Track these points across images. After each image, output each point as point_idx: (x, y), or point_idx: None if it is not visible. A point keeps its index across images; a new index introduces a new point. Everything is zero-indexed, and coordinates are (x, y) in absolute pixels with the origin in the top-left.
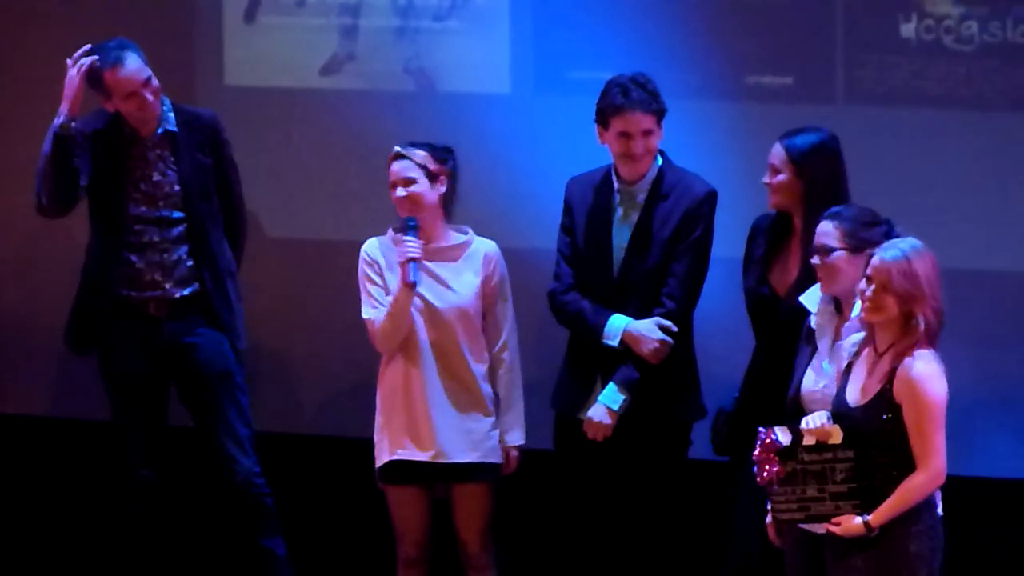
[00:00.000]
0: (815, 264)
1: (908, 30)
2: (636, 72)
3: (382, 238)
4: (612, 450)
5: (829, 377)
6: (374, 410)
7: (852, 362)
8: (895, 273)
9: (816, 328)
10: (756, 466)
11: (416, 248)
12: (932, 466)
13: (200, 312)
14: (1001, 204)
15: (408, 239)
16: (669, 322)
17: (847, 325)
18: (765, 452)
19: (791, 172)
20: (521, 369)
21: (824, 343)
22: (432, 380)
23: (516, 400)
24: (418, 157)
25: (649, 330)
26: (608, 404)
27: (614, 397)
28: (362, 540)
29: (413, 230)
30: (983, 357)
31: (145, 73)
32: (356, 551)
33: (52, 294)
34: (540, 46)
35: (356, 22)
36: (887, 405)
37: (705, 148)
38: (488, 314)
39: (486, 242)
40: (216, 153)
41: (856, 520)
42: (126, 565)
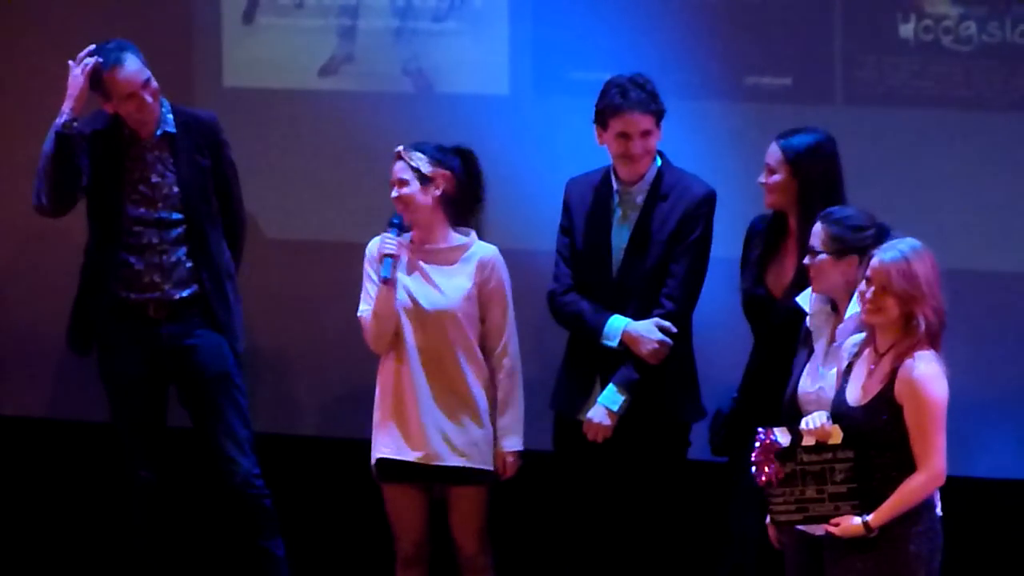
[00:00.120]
0: (806, 264)
1: (907, 30)
2: (635, 73)
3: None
4: (611, 451)
5: (824, 379)
6: (372, 411)
7: (853, 362)
8: (894, 274)
9: (812, 329)
10: (755, 467)
11: (392, 245)
12: (932, 467)
13: (199, 314)
14: (1000, 204)
15: (387, 235)
16: (668, 323)
17: (841, 327)
18: (764, 453)
19: (787, 172)
20: (522, 373)
21: (820, 344)
22: (420, 381)
23: (513, 406)
24: (413, 159)
25: (648, 331)
26: (608, 405)
27: (613, 398)
28: (361, 541)
29: (395, 227)
30: (983, 357)
31: (144, 74)
32: (355, 552)
33: (51, 296)
34: (539, 47)
35: (354, 23)
36: (888, 405)
37: (704, 149)
38: (485, 319)
39: (485, 247)
40: (215, 154)
41: (855, 520)
42: (126, 566)
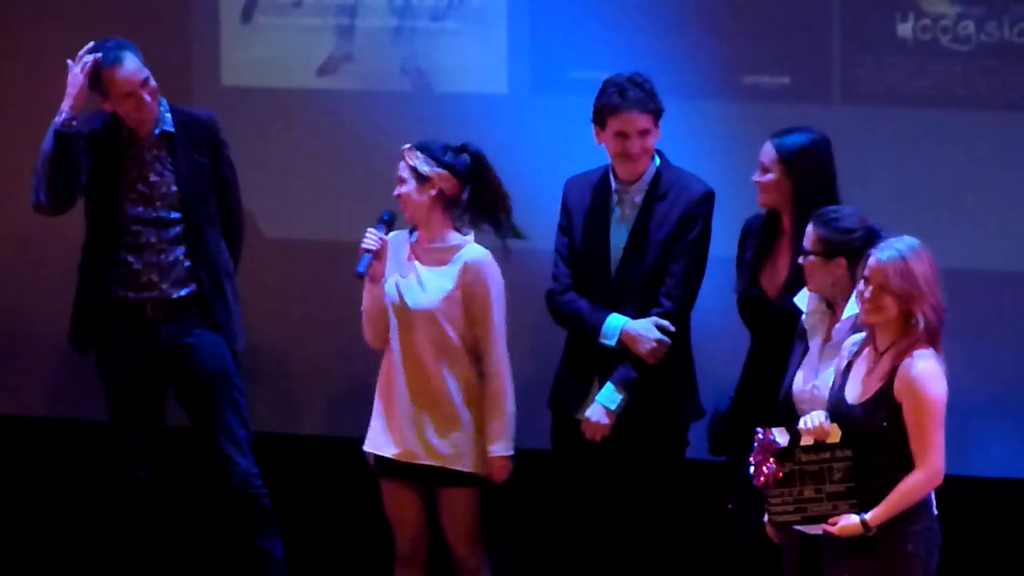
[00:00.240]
0: (800, 263)
1: (905, 30)
2: (633, 72)
3: (401, 232)
4: (610, 450)
5: (818, 377)
6: (371, 410)
7: (852, 361)
8: (891, 273)
9: (807, 328)
10: (753, 467)
11: (372, 241)
12: (931, 465)
13: (197, 313)
14: (998, 204)
15: (371, 231)
16: (667, 322)
17: (837, 327)
18: (762, 453)
19: (780, 171)
20: (509, 378)
21: (815, 343)
22: (400, 378)
23: (500, 410)
24: (412, 158)
25: (646, 330)
26: (606, 404)
27: (612, 397)
28: (359, 541)
29: (381, 223)
30: (981, 356)
31: (143, 73)
32: (353, 551)
33: (50, 295)
34: (537, 46)
35: (353, 22)
36: (887, 404)
37: (702, 148)
38: (474, 323)
39: (475, 250)
40: (213, 153)
41: (853, 519)
42: (123, 566)
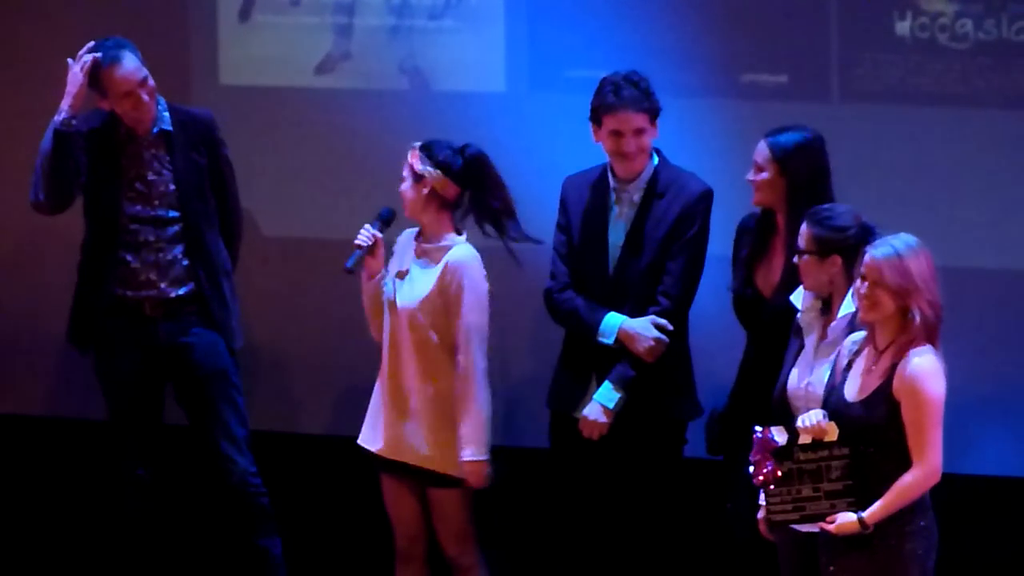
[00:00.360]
0: (795, 262)
1: (903, 28)
2: (631, 70)
3: (412, 230)
4: (608, 448)
5: (813, 374)
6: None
7: (852, 360)
8: (886, 269)
9: (803, 326)
10: (752, 467)
11: (364, 237)
12: (928, 464)
13: (196, 312)
14: (996, 202)
15: (366, 227)
16: (664, 320)
17: (833, 324)
18: (761, 452)
19: (774, 170)
20: (483, 382)
21: (810, 340)
22: (386, 375)
23: (470, 414)
24: (411, 156)
25: (644, 328)
26: (604, 402)
27: (610, 395)
28: (358, 539)
29: (378, 219)
30: (980, 355)
31: (141, 73)
32: (352, 550)
33: (48, 294)
34: (535, 44)
35: (351, 21)
36: (886, 402)
37: (700, 146)
38: (453, 325)
39: (460, 250)
40: (211, 152)
41: (851, 517)
42: (122, 564)
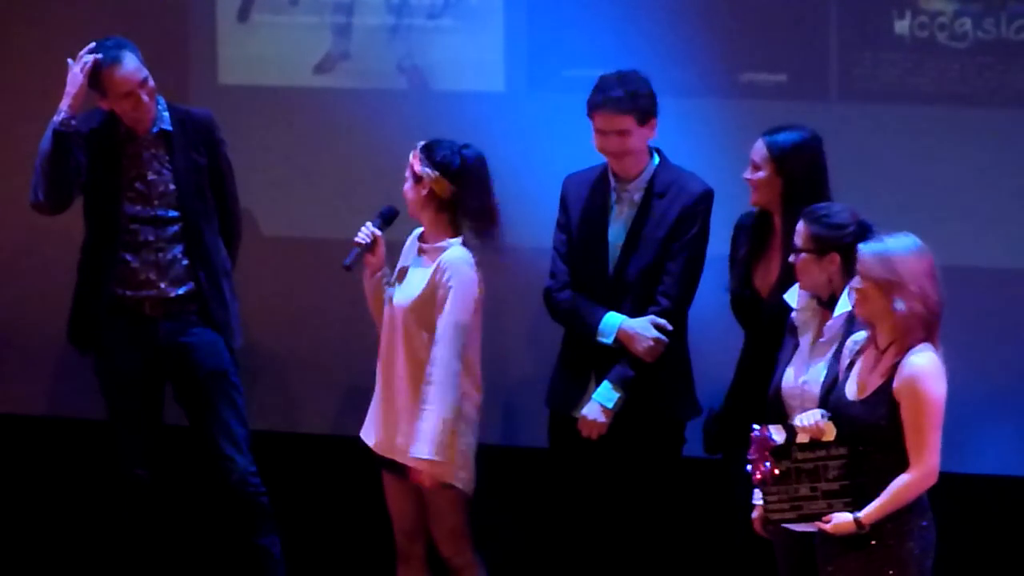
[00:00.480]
0: (791, 261)
1: (902, 27)
2: (630, 70)
3: (419, 229)
4: (606, 448)
5: (808, 373)
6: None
7: (854, 359)
8: (870, 261)
9: (798, 325)
10: (751, 465)
11: (364, 235)
12: (925, 465)
13: (195, 311)
14: (995, 201)
15: (366, 225)
16: (664, 320)
17: (829, 323)
18: (759, 450)
19: (771, 169)
20: (451, 384)
21: (805, 339)
22: (380, 371)
23: (427, 412)
24: (412, 157)
25: (644, 328)
26: (602, 402)
27: (608, 395)
28: (358, 539)
29: (379, 217)
30: (979, 353)
31: (142, 73)
32: (352, 550)
33: (48, 294)
34: (534, 44)
35: (350, 20)
36: (886, 401)
37: (699, 145)
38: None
39: (453, 251)
40: (211, 152)
41: (847, 517)
42: (122, 564)
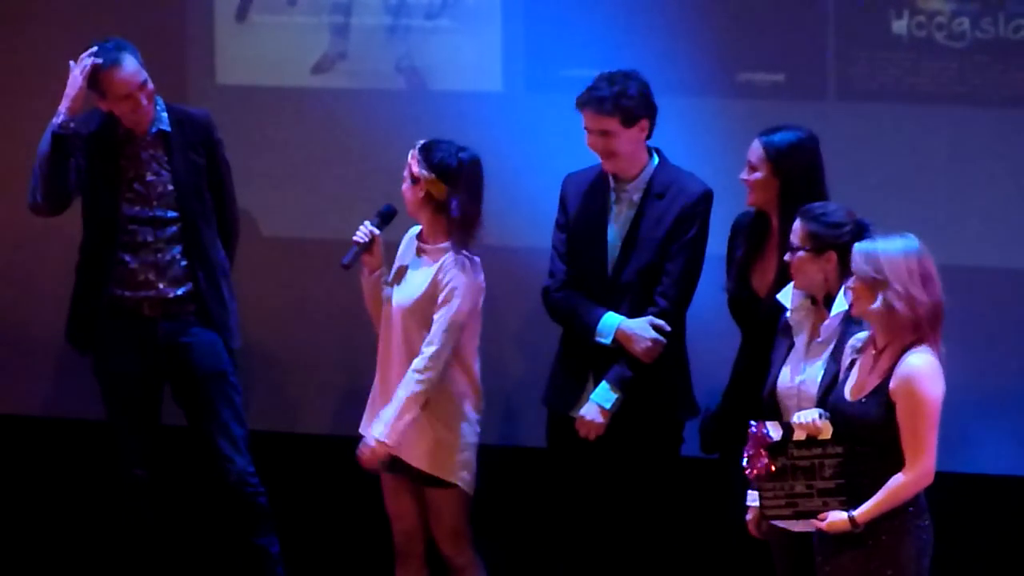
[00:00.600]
0: (787, 260)
1: (900, 27)
2: (627, 70)
3: (416, 228)
4: (605, 448)
5: (805, 373)
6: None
7: (855, 359)
8: (860, 260)
9: (792, 324)
10: (747, 460)
11: (362, 233)
12: (921, 465)
13: (194, 311)
14: (994, 201)
15: (365, 223)
16: (662, 321)
17: (826, 323)
18: (755, 447)
19: (768, 170)
20: (426, 383)
21: (800, 339)
22: (378, 370)
23: (397, 401)
24: (411, 157)
25: (642, 329)
26: (600, 403)
27: (606, 396)
28: (356, 539)
29: (378, 216)
30: (977, 353)
31: (141, 76)
32: (350, 550)
33: (47, 295)
34: (532, 44)
35: (347, 20)
36: (883, 402)
37: (697, 145)
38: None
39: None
40: (209, 152)
41: (842, 515)
42: (121, 564)
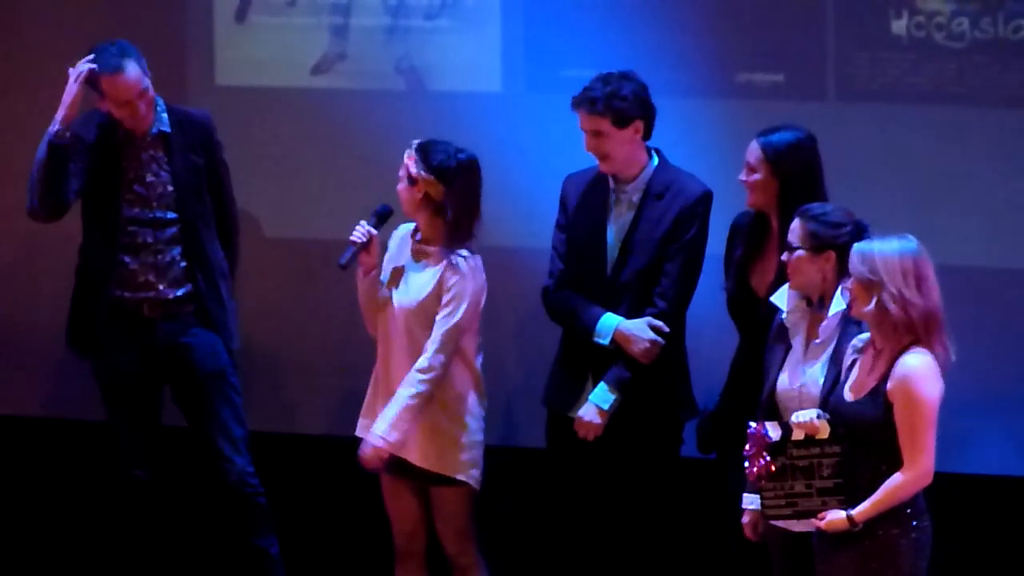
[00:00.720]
0: (784, 260)
1: (899, 27)
2: (626, 71)
3: (409, 226)
4: (604, 448)
5: (805, 375)
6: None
7: (855, 360)
8: (855, 260)
9: (789, 326)
10: (747, 461)
11: (359, 233)
12: (919, 465)
13: (194, 312)
14: (993, 201)
15: (361, 223)
16: (660, 322)
17: (824, 324)
18: (755, 447)
19: (767, 171)
20: (428, 385)
21: (798, 341)
22: (381, 373)
23: (399, 399)
24: (407, 157)
25: (640, 330)
26: (599, 404)
27: (605, 397)
28: (356, 539)
29: (374, 215)
30: (975, 353)
31: (142, 84)
32: (350, 550)
33: (47, 296)
34: (531, 44)
35: (347, 21)
36: (880, 402)
37: (696, 146)
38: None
39: (464, 254)
40: (209, 153)
41: (840, 515)
42: (121, 565)
